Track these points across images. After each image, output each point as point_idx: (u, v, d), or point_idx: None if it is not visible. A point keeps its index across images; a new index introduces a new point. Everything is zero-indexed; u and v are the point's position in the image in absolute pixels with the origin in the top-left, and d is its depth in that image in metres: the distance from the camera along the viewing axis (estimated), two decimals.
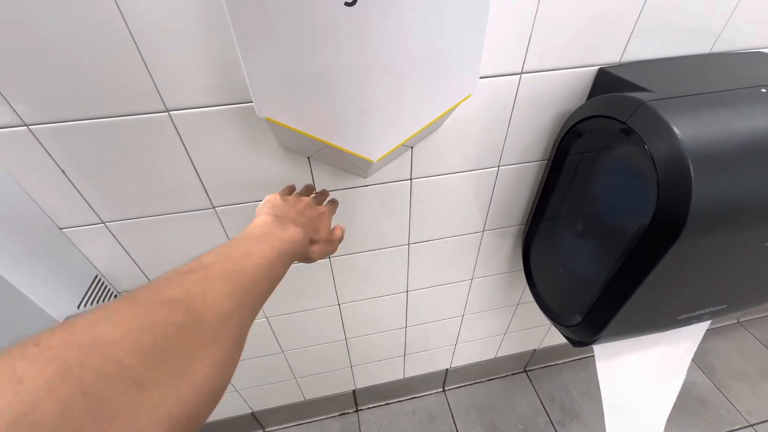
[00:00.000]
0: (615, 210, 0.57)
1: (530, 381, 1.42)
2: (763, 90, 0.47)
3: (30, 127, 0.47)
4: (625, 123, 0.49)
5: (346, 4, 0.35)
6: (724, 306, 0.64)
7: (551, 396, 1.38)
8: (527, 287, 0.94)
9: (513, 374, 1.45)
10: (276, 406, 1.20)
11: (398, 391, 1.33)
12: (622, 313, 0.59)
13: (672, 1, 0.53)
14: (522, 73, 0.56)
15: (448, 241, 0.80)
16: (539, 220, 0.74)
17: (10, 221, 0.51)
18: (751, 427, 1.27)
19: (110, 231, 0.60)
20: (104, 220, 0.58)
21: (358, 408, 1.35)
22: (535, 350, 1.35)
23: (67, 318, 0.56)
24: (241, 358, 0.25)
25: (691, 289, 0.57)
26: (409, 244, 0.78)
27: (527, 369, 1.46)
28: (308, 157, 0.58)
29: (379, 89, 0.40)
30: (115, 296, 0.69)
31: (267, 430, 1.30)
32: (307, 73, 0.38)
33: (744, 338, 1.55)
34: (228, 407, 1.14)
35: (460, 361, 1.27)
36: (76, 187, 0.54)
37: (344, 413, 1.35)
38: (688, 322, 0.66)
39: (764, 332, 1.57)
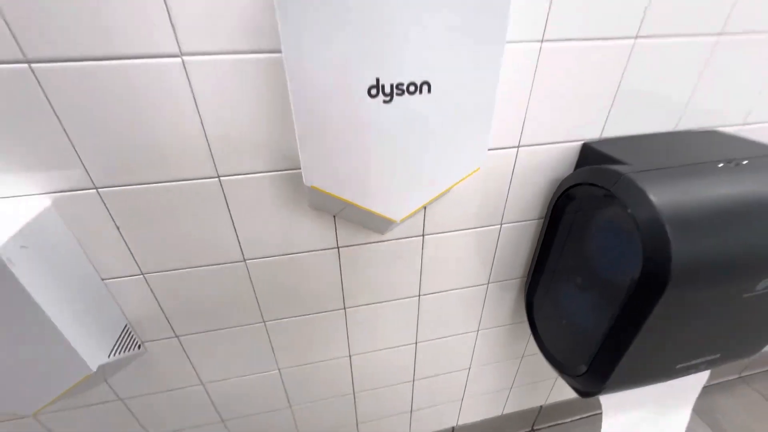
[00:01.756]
0: (608, 265, 0.64)
1: None
2: (720, 165, 0.57)
3: (99, 189, 0.54)
4: (609, 190, 0.57)
5: (380, 97, 0.45)
6: (717, 355, 0.68)
7: None
8: (531, 339, 0.97)
9: None
10: None
11: None
12: (624, 362, 0.63)
13: (640, 87, 0.65)
14: (519, 146, 0.66)
15: (456, 293, 0.85)
16: (540, 273, 0.80)
17: (60, 269, 0.56)
18: None
19: (147, 282, 0.65)
20: (144, 272, 0.63)
21: None
22: (541, 407, 1.33)
23: (99, 367, 0.59)
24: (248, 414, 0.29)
25: (684, 338, 0.62)
26: (419, 295, 0.83)
27: (534, 428, 1.42)
28: (334, 216, 0.65)
29: (404, 166, 0.49)
30: (139, 346, 0.71)
31: None
32: (348, 155, 0.46)
33: (748, 394, 1.54)
34: None
35: (467, 418, 1.24)
36: (125, 241, 0.59)
37: None
38: (687, 371, 0.69)
39: (767, 387, 1.56)
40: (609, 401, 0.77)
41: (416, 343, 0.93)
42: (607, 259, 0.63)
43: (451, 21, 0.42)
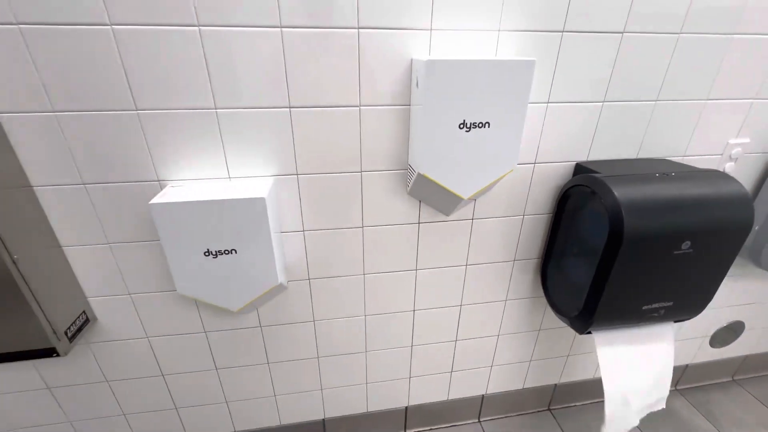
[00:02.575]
0: (591, 237, 1.01)
1: (554, 418, 1.64)
2: (657, 175, 0.96)
3: (299, 176, 0.96)
4: (591, 188, 0.96)
5: (464, 129, 0.87)
6: (671, 303, 1.02)
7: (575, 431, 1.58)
8: (546, 313, 1.32)
9: (539, 411, 1.67)
10: (338, 416, 1.45)
11: (442, 415, 1.56)
12: (603, 302, 0.99)
13: (611, 131, 1.06)
14: (535, 163, 1.07)
15: (492, 266, 1.22)
16: (550, 250, 1.17)
17: (272, 218, 0.97)
18: None
19: (304, 237, 1.05)
20: (304, 229, 1.04)
21: (407, 430, 1.57)
22: (556, 385, 1.61)
23: (279, 283, 0.98)
24: (335, 353, 0.68)
25: (642, 285, 0.97)
26: (466, 265, 1.20)
27: (551, 407, 1.68)
28: (419, 201, 1.05)
29: (472, 165, 0.90)
30: (284, 284, 1.10)
31: None
32: (445, 155, 0.87)
33: (742, 394, 1.77)
34: (299, 412, 1.40)
35: (494, 387, 1.53)
36: (301, 209, 1.01)
37: None
38: (652, 315, 1.03)
39: (759, 390, 1.78)
40: (600, 338, 1.09)
41: (461, 305, 1.28)
42: (590, 233, 1.01)
43: (500, 90, 0.84)
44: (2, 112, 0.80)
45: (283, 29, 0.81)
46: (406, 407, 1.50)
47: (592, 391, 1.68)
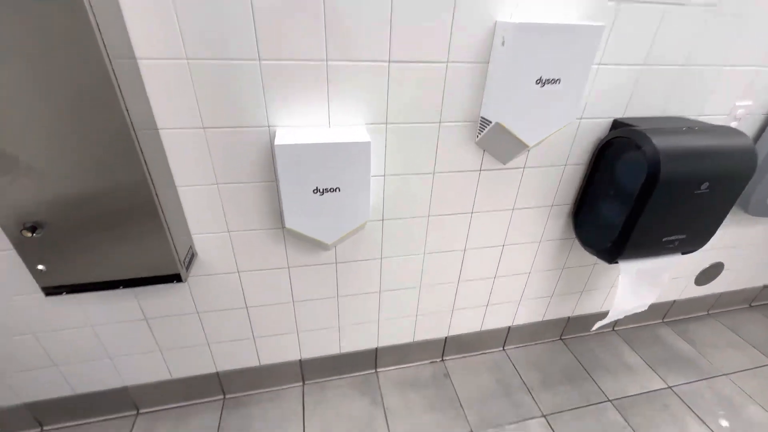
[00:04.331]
0: (627, 181, 1.21)
1: (566, 345, 1.92)
2: (684, 129, 1.15)
3: (388, 125, 1.10)
4: (632, 139, 1.15)
5: (539, 84, 1.02)
6: (684, 236, 1.25)
7: (583, 355, 1.87)
8: (570, 253, 1.54)
9: (553, 340, 1.95)
10: (389, 344, 1.66)
11: (473, 344, 1.81)
12: (633, 237, 1.20)
13: (644, 92, 1.24)
14: (581, 118, 1.24)
15: (533, 210, 1.41)
16: (584, 195, 1.37)
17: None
18: (724, 376, 1.78)
19: (384, 181, 1.20)
20: (385, 174, 1.18)
21: (444, 358, 1.81)
22: (569, 318, 1.88)
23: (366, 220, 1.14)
24: (395, 288, 0.86)
25: (666, 220, 1.19)
26: (513, 209, 1.39)
27: (562, 337, 1.97)
28: (483, 150, 1.21)
29: (540, 116, 1.06)
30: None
31: (378, 369, 1.73)
32: (520, 107, 1.03)
33: (715, 325, 2.12)
34: (357, 341, 1.60)
35: (520, 320, 1.78)
36: (385, 156, 1.15)
37: (433, 361, 1.80)
38: (667, 246, 1.27)
39: (730, 320, 2.14)
40: (624, 266, 1.33)
41: (503, 245, 1.48)
42: (627, 177, 1.20)
43: (572, 50, 0.99)
44: (142, 58, 0.88)
45: None
46: (446, 337, 1.73)
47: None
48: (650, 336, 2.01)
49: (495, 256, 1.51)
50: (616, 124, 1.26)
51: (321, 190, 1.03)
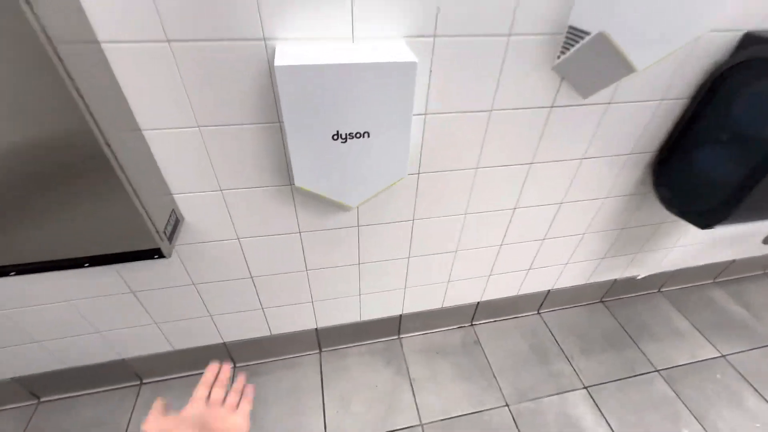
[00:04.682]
0: (756, 124, 0.89)
1: (607, 309, 1.74)
2: None
3: (435, 37, 0.76)
4: None
5: None
6: None
7: (626, 320, 1.70)
8: (636, 214, 1.26)
9: (592, 303, 1.76)
10: (414, 311, 1.48)
11: (505, 309, 1.63)
12: (751, 198, 0.91)
13: None
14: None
15: (606, 159, 1.11)
16: (679, 140, 1.05)
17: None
18: None
19: (425, 123, 0.89)
20: (426, 112, 0.87)
21: (473, 323, 1.64)
22: (615, 280, 1.67)
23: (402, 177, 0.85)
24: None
25: None
26: (582, 158, 1.09)
27: (603, 299, 1.78)
28: (561, 78, 0.88)
29: (658, 31, 0.71)
30: None
31: (402, 335, 1.57)
32: (634, 15, 0.68)
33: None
34: (380, 309, 1.41)
35: (561, 283, 1.57)
36: (429, 86, 0.83)
37: (461, 326, 1.63)
38: None
39: None
40: (719, 230, 1.07)
41: (561, 203, 1.21)
42: (760, 117, 0.88)
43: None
44: None
45: None
46: (478, 302, 1.54)
47: (643, 285, 1.76)
48: (700, 298, 1.81)
49: (548, 216, 1.24)
50: (750, 40, 0.91)
51: (343, 136, 0.74)
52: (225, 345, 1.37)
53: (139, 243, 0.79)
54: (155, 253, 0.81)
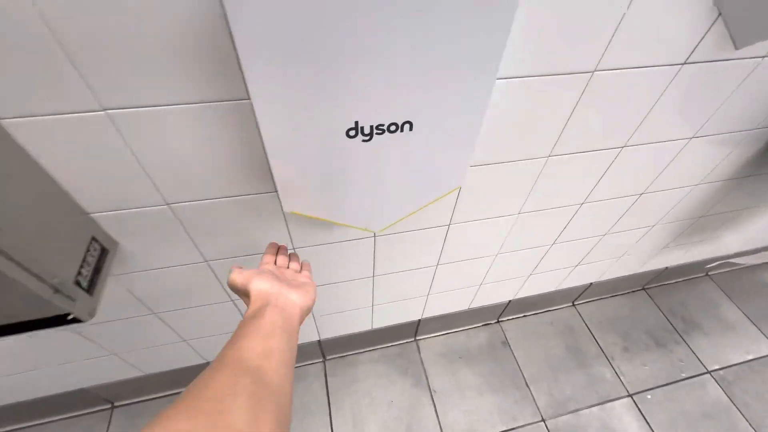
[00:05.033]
0: None
1: (650, 297, 1.53)
2: None
3: None
4: None
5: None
6: None
7: (671, 310, 1.49)
8: (722, 200, 0.97)
9: (633, 292, 1.55)
10: (433, 315, 1.24)
11: (536, 304, 1.40)
12: None
13: None
14: None
15: (720, 138, 0.79)
16: None
17: None
18: None
19: None
20: None
21: (499, 320, 1.42)
22: (666, 268, 1.43)
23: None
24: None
25: None
26: (691, 138, 0.77)
27: (646, 287, 1.56)
28: (718, 12, 0.53)
29: None
30: None
31: (419, 337, 1.35)
32: None
33: None
34: (395, 317, 1.17)
35: (607, 275, 1.33)
36: None
37: (487, 324, 1.41)
38: None
39: None
40: None
41: (642, 194, 0.91)
42: None
43: None
44: None
45: None
46: (509, 300, 1.31)
47: (687, 270, 1.53)
48: (752, 282, 1.60)
49: (621, 209, 0.95)
50: None
51: (366, 130, 0.41)
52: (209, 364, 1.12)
53: (39, 310, 0.48)
54: (64, 320, 0.51)
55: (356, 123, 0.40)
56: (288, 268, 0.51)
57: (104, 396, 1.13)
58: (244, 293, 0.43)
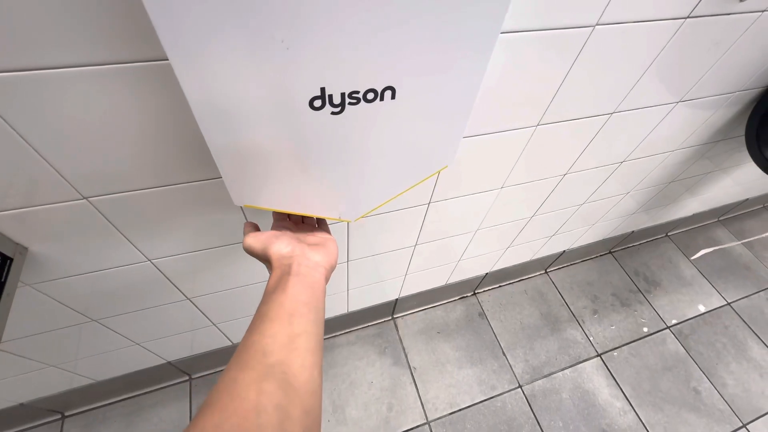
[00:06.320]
0: None
1: (616, 260, 1.58)
2: None
3: None
4: None
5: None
6: None
7: (635, 271, 1.55)
8: (694, 164, 0.97)
9: (601, 256, 1.59)
10: (410, 294, 1.20)
11: (512, 273, 1.40)
12: None
13: None
14: None
15: (708, 102, 0.76)
16: None
17: None
18: None
19: None
20: None
21: (476, 291, 1.42)
22: (633, 231, 1.47)
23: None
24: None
25: None
26: (680, 100, 0.73)
27: (612, 251, 1.61)
28: None
29: None
30: None
31: (396, 315, 1.32)
32: None
33: None
34: (371, 299, 1.11)
35: (579, 242, 1.34)
36: None
37: (463, 297, 1.40)
38: None
39: None
40: None
41: (623, 162, 0.88)
42: None
43: None
44: None
45: None
46: (486, 273, 1.29)
47: (652, 232, 1.59)
48: (706, 240, 1.70)
49: (600, 178, 0.92)
50: None
51: (335, 100, 0.31)
52: (171, 363, 1.03)
53: None
54: None
55: (322, 90, 0.30)
56: (303, 222, 0.47)
57: (49, 408, 1.01)
58: (264, 258, 0.39)
